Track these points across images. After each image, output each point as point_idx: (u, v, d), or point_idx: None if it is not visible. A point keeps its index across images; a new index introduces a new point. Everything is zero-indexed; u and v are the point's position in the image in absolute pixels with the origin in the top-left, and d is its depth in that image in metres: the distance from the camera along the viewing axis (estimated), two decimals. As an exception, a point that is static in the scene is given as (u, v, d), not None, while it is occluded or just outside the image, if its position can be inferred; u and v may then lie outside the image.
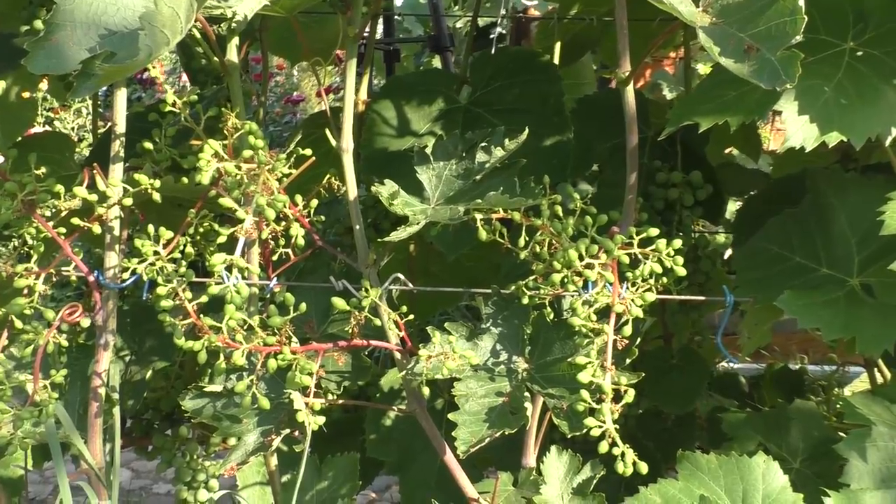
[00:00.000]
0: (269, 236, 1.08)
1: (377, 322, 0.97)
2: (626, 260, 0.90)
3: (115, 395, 1.09)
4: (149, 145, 1.11)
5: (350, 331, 0.99)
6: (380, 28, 2.10)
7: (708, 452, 1.67)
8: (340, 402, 1.07)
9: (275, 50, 1.75)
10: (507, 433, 0.90)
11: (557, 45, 1.57)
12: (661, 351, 1.53)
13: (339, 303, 0.97)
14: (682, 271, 0.91)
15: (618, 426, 0.85)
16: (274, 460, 1.18)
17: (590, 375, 0.86)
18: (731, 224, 1.60)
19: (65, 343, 1.03)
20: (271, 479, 1.15)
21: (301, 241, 1.09)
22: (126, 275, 0.99)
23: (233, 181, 0.93)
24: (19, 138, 1.60)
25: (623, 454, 0.84)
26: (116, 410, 1.08)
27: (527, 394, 0.93)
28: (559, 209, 0.97)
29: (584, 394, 0.86)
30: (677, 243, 0.92)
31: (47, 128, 4.48)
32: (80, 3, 0.78)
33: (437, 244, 1.22)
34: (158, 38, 0.73)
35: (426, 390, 0.95)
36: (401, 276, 1.06)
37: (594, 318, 0.89)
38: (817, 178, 1.10)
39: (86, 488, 0.97)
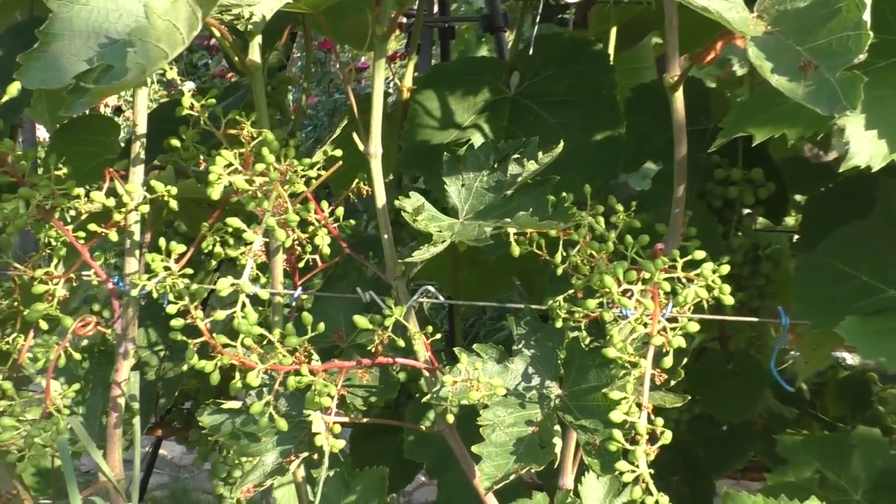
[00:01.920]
0: (295, 243, 1.03)
1: (401, 342, 0.91)
2: (668, 288, 0.82)
3: (136, 405, 1.05)
4: (176, 142, 1.06)
5: (374, 348, 0.94)
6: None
7: (763, 465, 1.60)
8: (365, 420, 1.02)
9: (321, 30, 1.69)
10: (534, 469, 0.84)
11: (613, 30, 1.47)
12: (717, 354, 1.45)
13: (360, 321, 0.91)
14: (728, 300, 0.83)
15: (667, 431, 0.78)
16: (301, 471, 1.14)
17: (623, 414, 0.79)
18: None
19: (78, 356, 0.99)
20: (298, 491, 1.11)
21: (327, 250, 1.04)
22: (148, 281, 0.94)
23: (247, 197, 0.88)
24: (65, 121, 1.58)
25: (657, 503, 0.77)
26: (136, 421, 1.05)
27: (557, 427, 0.87)
28: (600, 223, 0.90)
29: (617, 434, 0.79)
30: (725, 269, 0.84)
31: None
32: (78, 11, 0.73)
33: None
34: (153, 53, 0.68)
35: (451, 418, 0.89)
36: (431, 288, 1.00)
37: (631, 349, 0.82)
38: (890, 190, 1.00)
39: (97, 501, 0.94)
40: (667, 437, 0.79)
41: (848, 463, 1.11)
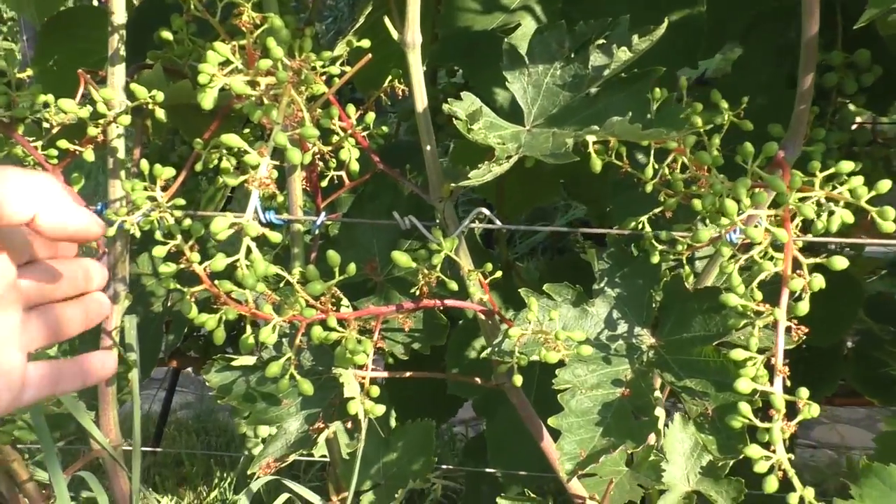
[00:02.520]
0: (316, 157, 0.83)
1: (452, 285, 0.72)
2: (810, 213, 0.62)
3: (133, 356, 0.88)
4: (167, 35, 0.85)
5: (418, 290, 0.75)
6: None
7: (856, 395, 1.42)
8: (408, 374, 0.84)
9: None
10: (629, 449, 0.66)
11: None
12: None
13: (401, 258, 0.72)
14: (889, 227, 0.63)
15: (814, 405, 0.60)
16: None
17: (750, 381, 0.60)
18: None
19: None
20: (329, 448, 0.94)
21: (355, 166, 0.84)
22: (129, 216, 0.75)
23: (250, 104, 0.67)
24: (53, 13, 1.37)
25: (802, 498, 0.59)
26: (134, 374, 0.87)
27: (657, 390, 0.68)
28: (698, 121, 0.69)
29: (744, 407, 0.60)
30: (885, 184, 0.63)
31: None
32: None
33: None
34: None
35: (518, 379, 0.71)
36: (486, 211, 0.80)
37: (759, 294, 0.63)
38: None
39: (90, 482, 0.77)
40: (813, 410, 0.60)
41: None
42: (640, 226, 0.78)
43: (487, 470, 1.30)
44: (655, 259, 0.71)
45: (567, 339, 0.66)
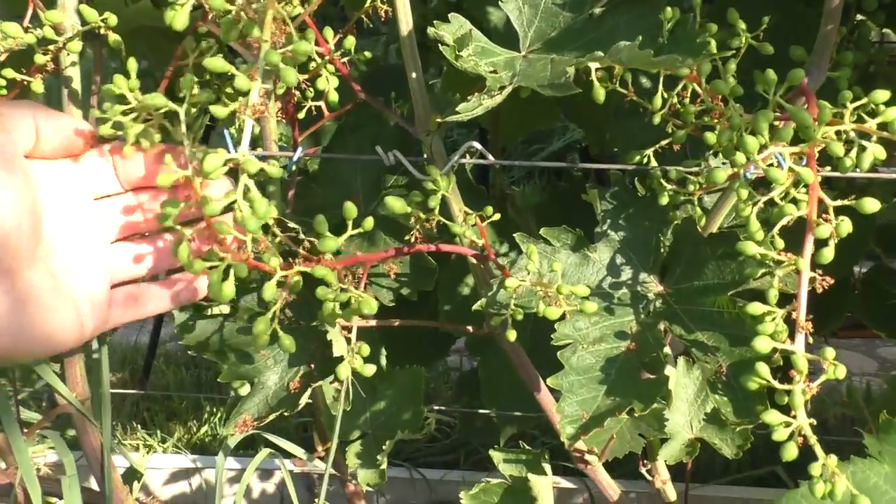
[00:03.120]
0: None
1: (456, 227, 0.66)
2: (841, 151, 0.55)
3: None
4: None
5: (413, 236, 0.68)
6: None
7: (861, 327, 1.36)
8: (397, 323, 0.78)
9: None
10: (637, 411, 0.60)
11: None
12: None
13: (395, 203, 0.65)
14: (926, 165, 0.56)
15: (840, 366, 0.54)
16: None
17: (769, 338, 0.54)
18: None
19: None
20: (313, 397, 0.88)
21: (335, 97, 0.77)
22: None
23: (227, 21, 0.59)
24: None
25: (825, 467, 0.53)
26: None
27: (666, 345, 0.62)
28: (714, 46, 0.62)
29: (762, 367, 0.54)
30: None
31: None
32: None
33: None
34: None
35: (512, 334, 0.65)
36: (477, 144, 0.73)
37: (780, 241, 0.56)
38: None
39: (54, 441, 0.71)
40: (840, 371, 0.54)
41: None
42: (645, 160, 0.71)
43: (481, 411, 1.26)
44: (664, 200, 0.65)
45: (570, 294, 0.60)
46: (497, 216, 0.66)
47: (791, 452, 0.53)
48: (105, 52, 0.81)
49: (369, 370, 0.68)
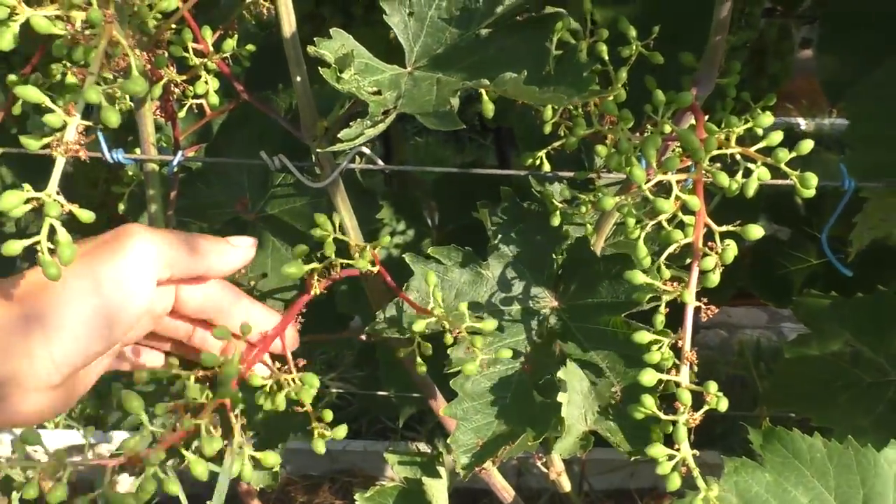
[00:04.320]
0: (171, 84, 0.72)
1: (356, 262, 0.63)
2: (725, 181, 0.55)
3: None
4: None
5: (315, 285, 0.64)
6: None
7: (750, 296, 1.39)
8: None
9: None
10: (530, 439, 0.60)
11: None
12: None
13: (291, 270, 0.61)
14: (810, 193, 0.56)
15: (722, 399, 0.54)
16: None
17: (655, 372, 0.54)
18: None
19: None
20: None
21: (215, 99, 0.73)
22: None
23: (57, 45, 0.54)
24: None
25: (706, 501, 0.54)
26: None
27: (563, 363, 0.62)
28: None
29: (648, 400, 0.54)
30: (807, 144, 0.56)
31: None
32: None
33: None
34: None
35: (422, 369, 0.63)
36: (366, 150, 0.71)
37: (667, 272, 0.56)
38: None
39: None
40: (722, 404, 0.54)
41: (887, 334, 0.89)
42: (537, 162, 0.70)
43: (380, 393, 1.25)
44: (556, 221, 0.64)
45: (473, 330, 0.58)
46: (386, 240, 0.64)
47: (675, 483, 0.54)
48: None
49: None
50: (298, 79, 0.67)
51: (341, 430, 0.61)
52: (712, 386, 0.54)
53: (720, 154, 0.57)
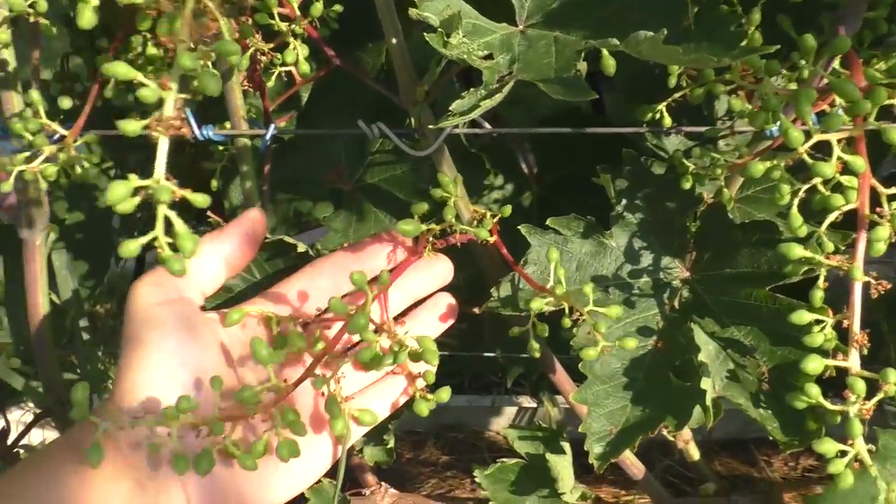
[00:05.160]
0: (256, 52, 0.67)
1: (475, 231, 0.57)
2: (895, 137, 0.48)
3: (68, 294, 0.75)
4: None
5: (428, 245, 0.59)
6: None
7: None
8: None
9: None
10: (671, 428, 0.54)
11: None
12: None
13: (407, 227, 0.55)
14: None
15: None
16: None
17: (821, 357, 0.48)
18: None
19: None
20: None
21: (306, 68, 0.68)
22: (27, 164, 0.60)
23: (141, 15, 0.49)
24: None
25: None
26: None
27: (703, 336, 0.56)
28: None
29: (813, 389, 0.48)
30: None
31: None
32: None
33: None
34: None
35: (537, 350, 0.58)
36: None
37: (828, 243, 0.49)
38: None
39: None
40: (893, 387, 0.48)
41: None
42: (657, 116, 0.64)
43: (485, 354, 1.21)
44: (687, 184, 0.57)
45: (599, 315, 0.53)
46: (508, 210, 0.58)
47: (847, 481, 0.48)
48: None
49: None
50: (394, 41, 0.61)
51: (445, 393, 0.56)
52: (891, 374, 0.47)
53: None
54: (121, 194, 0.42)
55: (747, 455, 1.46)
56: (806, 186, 0.49)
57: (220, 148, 0.82)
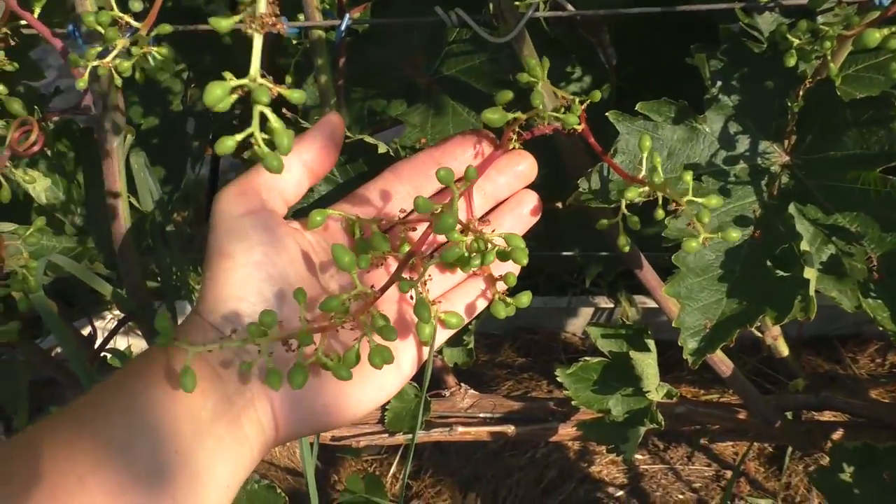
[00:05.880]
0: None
1: (561, 117, 0.55)
2: None
3: (148, 200, 0.75)
4: None
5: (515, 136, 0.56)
6: None
7: None
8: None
9: None
10: (770, 320, 0.52)
11: None
12: None
13: (493, 116, 0.53)
14: None
15: None
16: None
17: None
18: None
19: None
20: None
21: (379, -49, 0.65)
22: (99, 59, 0.59)
23: None
24: None
25: None
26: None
27: (804, 223, 0.53)
28: None
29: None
30: None
31: None
32: None
33: None
34: None
35: (626, 244, 0.56)
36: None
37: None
38: None
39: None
40: None
41: None
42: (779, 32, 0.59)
43: (564, 254, 1.19)
44: (791, 61, 0.53)
45: (698, 205, 0.49)
46: (597, 96, 0.55)
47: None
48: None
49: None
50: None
51: (525, 297, 0.54)
52: None
53: None
54: (218, 95, 0.41)
55: (832, 352, 1.43)
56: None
57: (295, 42, 0.79)
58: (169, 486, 0.42)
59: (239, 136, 0.40)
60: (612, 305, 1.49)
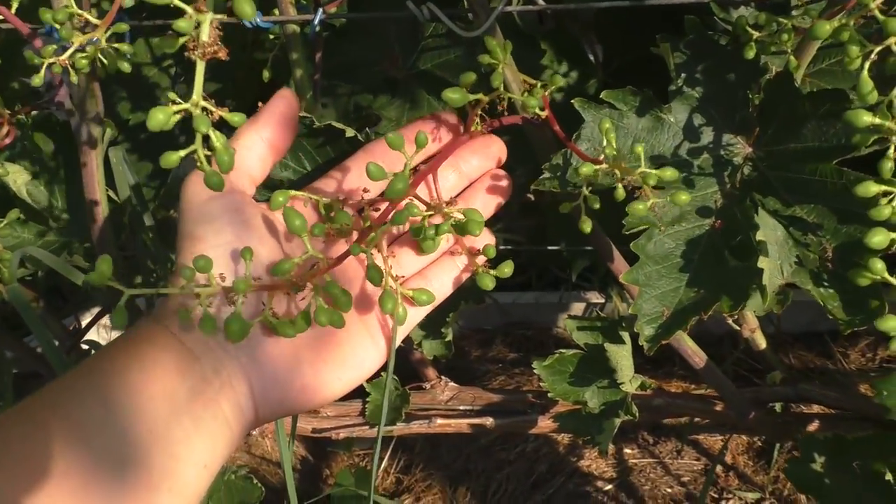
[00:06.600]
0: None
1: (526, 100, 0.55)
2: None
3: (126, 192, 0.75)
4: None
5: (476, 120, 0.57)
6: None
7: None
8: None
9: None
10: (725, 308, 0.53)
11: None
12: None
13: (454, 96, 0.54)
14: None
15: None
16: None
17: (886, 231, 0.45)
18: None
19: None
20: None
21: (350, -53, 0.65)
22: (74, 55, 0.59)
23: None
24: None
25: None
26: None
27: (762, 216, 0.53)
28: None
29: (877, 264, 0.46)
30: None
31: None
32: None
33: None
34: None
35: (588, 225, 0.56)
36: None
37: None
38: None
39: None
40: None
41: None
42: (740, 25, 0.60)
43: (549, 248, 1.19)
44: (751, 53, 0.54)
45: (651, 176, 0.50)
46: (559, 80, 0.56)
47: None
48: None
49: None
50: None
51: (507, 267, 0.55)
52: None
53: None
54: (161, 120, 0.42)
55: (822, 347, 1.43)
56: (878, 49, 0.46)
57: (272, 37, 0.80)
58: (144, 465, 0.42)
59: (182, 152, 0.42)
60: (603, 300, 1.49)
